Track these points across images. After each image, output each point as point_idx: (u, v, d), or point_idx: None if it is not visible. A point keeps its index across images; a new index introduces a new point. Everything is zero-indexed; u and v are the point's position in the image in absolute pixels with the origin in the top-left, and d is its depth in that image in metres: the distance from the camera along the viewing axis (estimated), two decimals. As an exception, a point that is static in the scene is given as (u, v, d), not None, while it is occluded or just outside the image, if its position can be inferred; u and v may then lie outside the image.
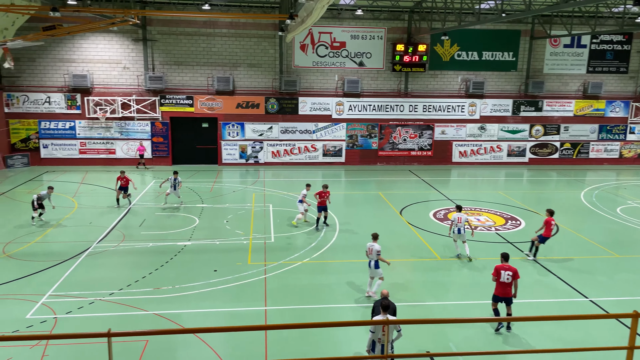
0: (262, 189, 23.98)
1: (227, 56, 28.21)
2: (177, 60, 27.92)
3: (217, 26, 27.66)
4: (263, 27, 28.05)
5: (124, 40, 27.24)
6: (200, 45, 27.90)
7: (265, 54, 28.45)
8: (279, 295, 12.65)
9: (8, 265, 14.21)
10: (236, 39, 28.07)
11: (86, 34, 26.28)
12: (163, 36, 27.52)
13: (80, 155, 27.99)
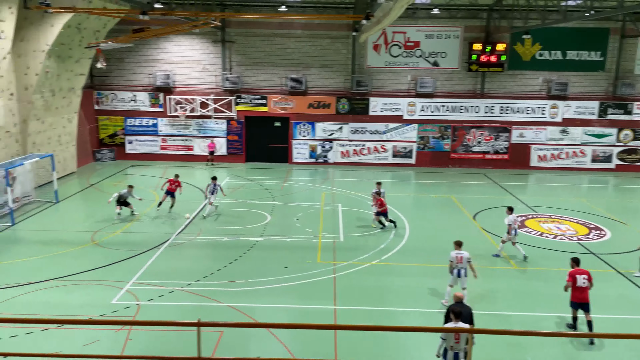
0: (330, 188, 24.13)
1: (300, 57, 28.63)
2: (253, 61, 28.70)
3: (292, 27, 28.15)
4: (337, 28, 28.20)
5: (204, 42, 28.38)
6: (275, 47, 28.51)
7: (338, 55, 28.59)
8: (349, 296, 12.68)
9: (96, 253, 15.24)
10: (310, 39, 28.42)
11: (170, 36, 27.62)
12: (240, 38, 28.38)
13: (161, 151, 29.48)
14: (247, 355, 9.94)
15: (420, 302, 12.42)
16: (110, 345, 10.03)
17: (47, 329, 10.53)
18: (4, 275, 13.45)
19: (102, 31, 23.90)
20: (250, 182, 24.84)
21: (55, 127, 23.92)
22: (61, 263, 14.31)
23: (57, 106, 23.65)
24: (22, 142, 21.73)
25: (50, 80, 22.22)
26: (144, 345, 10.08)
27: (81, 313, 11.31)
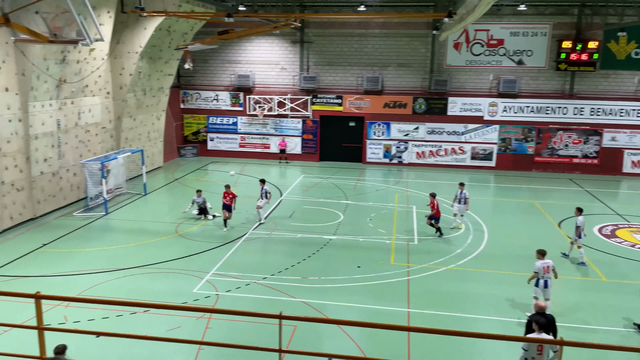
0: (404, 189, 23.83)
1: (377, 56, 28.50)
2: (330, 61, 28.95)
3: (369, 27, 28.09)
4: (415, 27, 27.78)
5: (283, 42, 29.04)
6: (352, 46, 28.58)
7: (416, 54, 28.15)
8: (422, 299, 12.47)
9: (179, 244, 16.07)
10: (388, 38, 28.21)
11: (251, 38, 28.51)
12: (318, 38, 28.74)
13: (239, 149, 30.53)
14: (319, 351, 10.08)
15: (497, 311, 11.96)
16: (191, 332, 10.56)
17: (135, 313, 11.27)
18: (98, 260, 14.55)
19: (189, 33, 25.14)
20: (324, 181, 25.09)
21: (145, 124, 25.49)
22: (148, 252, 15.25)
23: (148, 104, 25.19)
24: (116, 138, 23.36)
25: (142, 80, 23.70)
26: (222, 334, 10.52)
27: (165, 299, 11.99)
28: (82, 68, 19.08)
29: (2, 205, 16.40)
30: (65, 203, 19.62)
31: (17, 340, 9.64)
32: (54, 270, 13.75)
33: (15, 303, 11.25)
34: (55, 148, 18.73)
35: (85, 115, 20.33)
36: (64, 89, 18.60)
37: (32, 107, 17.29)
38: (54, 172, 18.82)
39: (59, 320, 10.83)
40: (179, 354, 9.87)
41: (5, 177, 16.66)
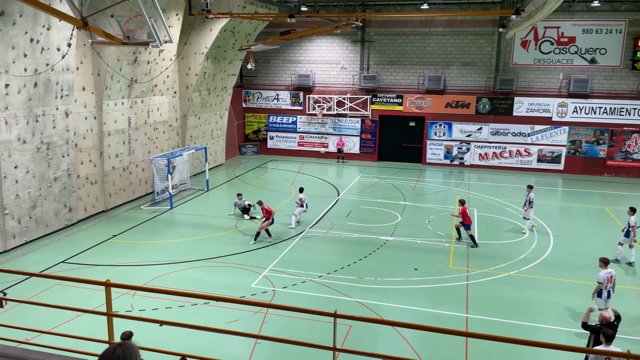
0: (466, 191, 23.21)
1: (440, 55, 27.94)
2: (391, 60, 28.69)
3: (432, 25, 27.58)
4: (481, 24, 26.99)
5: (344, 42, 29.08)
6: (414, 45, 28.19)
7: (481, 52, 27.34)
8: (482, 305, 12.12)
9: (238, 239, 16.49)
10: (451, 37, 27.59)
11: (312, 37, 28.77)
12: (379, 37, 28.56)
13: (298, 148, 30.90)
14: (373, 351, 10.03)
15: (562, 320, 11.42)
16: (248, 325, 10.81)
17: (196, 304, 11.68)
18: (162, 252, 15.20)
19: (252, 34, 25.72)
20: (382, 181, 24.91)
21: (209, 123, 26.34)
22: (209, 246, 15.76)
23: (212, 103, 26.01)
24: (181, 135, 24.30)
25: (207, 80, 24.51)
26: (277, 329, 10.71)
27: (224, 292, 12.35)
28: (151, 68, 19.99)
29: (77, 197, 17.49)
30: (134, 197, 20.64)
31: (88, 325, 10.26)
32: (123, 260, 14.50)
33: (87, 290, 11.97)
34: (125, 144, 19.74)
35: (153, 113, 21.30)
36: (135, 88, 19.57)
37: (106, 106, 18.31)
38: (124, 167, 19.85)
39: (126, 308, 11.41)
40: (236, 346, 10.14)
41: (81, 171, 17.74)
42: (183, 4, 20.41)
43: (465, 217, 15.93)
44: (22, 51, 13.91)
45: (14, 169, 14.62)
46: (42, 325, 9.99)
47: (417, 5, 26.06)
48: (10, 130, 14.30)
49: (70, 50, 15.51)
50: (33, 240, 15.69)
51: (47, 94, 15.32)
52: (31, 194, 15.38)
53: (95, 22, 10.70)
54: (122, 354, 2.91)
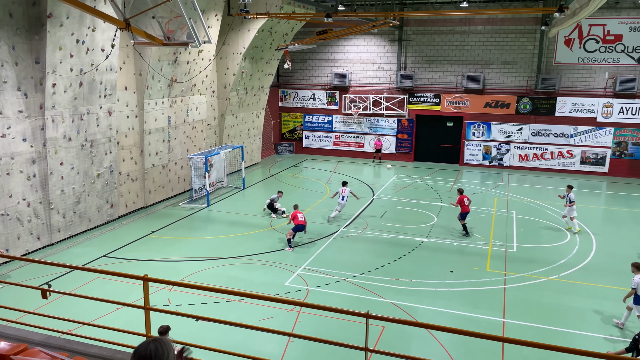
0: (505, 193, 22.68)
1: (479, 54, 27.40)
2: (429, 59, 28.32)
3: (472, 23, 27.07)
4: (523, 22, 26.31)
5: (380, 41, 28.90)
6: (453, 44, 27.74)
7: (523, 51, 26.65)
8: (520, 310, 11.82)
9: (273, 237, 16.63)
10: (491, 35, 27.01)
11: (349, 37, 28.71)
12: (417, 36, 28.24)
13: (333, 147, 30.91)
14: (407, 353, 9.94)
15: (603, 328, 11.01)
16: (282, 323, 10.89)
17: (231, 301, 11.85)
18: (199, 249, 15.49)
19: (289, 34, 25.87)
20: (418, 182, 24.62)
21: (246, 122, 26.67)
22: (244, 243, 15.95)
23: (249, 103, 26.33)
24: (219, 134, 24.70)
25: (245, 79, 24.82)
26: (310, 328, 10.75)
27: (259, 290, 12.48)
28: (191, 68, 20.40)
29: (118, 193, 18.03)
30: (172, 194, 21.12)
31: (127, 318, 10.55)
32: (161, 255, 14.86)
33: (126, 284, 12.32)
34: (165, 142, 20.22)
35: (192, 112, 21.72)
36: (175, 87, 20.01)
37: (147, 105, 18.79)
38: (163, 165, 20.33)
39: (163, 302, 11.69)
40: (270, 344, 10.23)
41: (122, 168, 18.28)
42: (222, 5, 20.73)
43: (462, 206, 16.47)
44: (68, 52, 14.44)
45: (59, 165, 15.20)
46: (83, 317, 10.34)
47: (456, 3, 25.64)
48: (56, 128, 14.87)
49: (114, 51, 16.00)
50: (77, 234, 16.27)
51: (92, 93, 15.85)
52: (75, 189, 15.95)
53: (137, 23, 10.99)
54: (154, 349, 2.95)
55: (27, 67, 13.83)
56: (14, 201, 14.04)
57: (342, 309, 4.71)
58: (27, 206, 14.50)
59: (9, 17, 13.16)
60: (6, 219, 13.76)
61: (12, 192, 13.98)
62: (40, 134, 14.52)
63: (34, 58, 13.90)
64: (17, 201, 14.16)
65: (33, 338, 5.31)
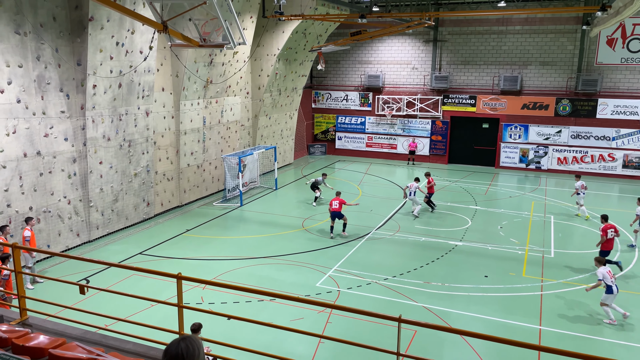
0: (542, 197, 22.08)
1: (517, 54, 26.77)
2: (464, 60, 27.87)
3: (510, 23, 26.49)
4: (563, 22, 25.58)
5: (415, 41, 28.61)
6: (489, 44, 27.20)
7: (562, 51, 25.90)
8: (557, 317, 11.46)
9: (305, 238, 16.66)
10: (530, 35, 26.36)
11: (383, 38, 28.53)
12: (453, 36, 27.82)
13: (366, 148, 30.76)
14: (439, 359, 9.78)
15: (649, 340, 10.56)
16: (313, 324, 10.88)
17: (262, 300, 11.92)
18: (232, 248, 15.66)
19: (323, 35, 25.90)
20: (452, 185, 24.24)
21: (279, 123, 26.85)
22: (276, 243, 16.04)
23: (282, 104, 26.49)
24: (252, 135, 24.94)
25: (278, 80, 24.99)
26: (341, 330, 10.70)
27: (290, 290, 12.51)
28: (226, 70, 20.67)
29: (154, 192, 18.42)
30: (206, 193, 21.44)
31: (161, 315, 10.75)
32: (194, 254, 15.09)
33: (160, 281, 12.56)
34: (200, 143, 20.54)
35: (227, 113, 22.00)
36: (210, 89, 20.31)
37: (183, 106, 19.14)
38: (198, 165, 20.66)
39: (196, 300, 11.86)
40: (300, 344, 10.24)
41: (159, 167, 18.67)
42: (257, 7, 20.93)
43: (430, 188, 19.10)
44: (108, 54, 14.85)
45: (99, 164, 15.64)
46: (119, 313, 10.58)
47: (493, 3, 25.13)
48: (96, 128, 15.30)
49: (152, 53, 16.36)
50: (114, 231, 16.71)
51: (130, 94, 16.25)
52: (114, 188, 16.38)
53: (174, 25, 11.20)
54: (185, 348, 2.96)
55: (69, 69, 14.29)
56: (55, 199, 14.52)
57: (374, 312, 4.65)
58: (68, 204, 14.97)
59: (53, 20, 13.63)
60: (48, 215, 14.25)
61: (54, 189, 14.46)
62: (81, 134, 14.97)
63: (75, 60, 14.35)
64: (59, 199, 14.64)
65: (71, 332, 5.46)
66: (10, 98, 12.89)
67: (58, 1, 13.67)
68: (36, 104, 13.57)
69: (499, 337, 4.53)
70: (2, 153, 12.87)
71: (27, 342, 4.76)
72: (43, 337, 4.89)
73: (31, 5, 13.01)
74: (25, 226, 12.66)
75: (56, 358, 4.50)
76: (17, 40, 12.81)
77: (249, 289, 5.51)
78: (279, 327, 5.57)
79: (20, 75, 13.03)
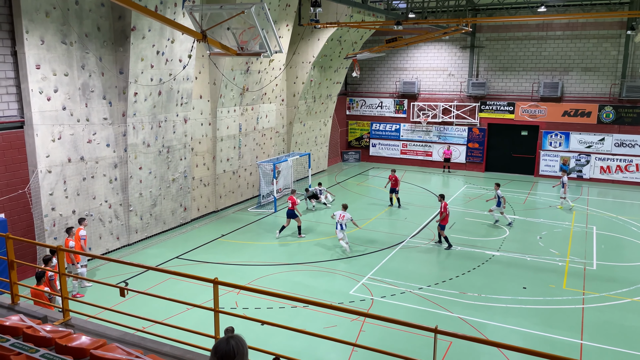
0: (584, 207, 21.36)
1: (557, 60, 26.10)
2: (502, 66, 27.36)
3: (550, 28, 25.87)
4: (606, 26, 24.81)
5: (452, 48, 28.28)
6: (529, 50, 26.62)
7: (605, 57, 25.10)
8: (599, 332, 11.03)
9: (338, 245, 16.58)
10: (571, 40, 25.66)
11: (419, 44, 28.34)
12: (491, 42, 27.37)
13: (400, 155, 30.52)
14: (475, 372, 9.55)
15: (700, 359, 10.03)
16: (346, 332, 10.82)
17: (296, 307, 11.94)
18: (266, 254, 15.78)
19: (358, 42, 25.93)
20: (489, 193, 23.73)
21: (313, 130, 26.97)
22: (310, 250, 16.06)
23: (316, 111, 26.61)
24: (287, 141, 25.14)
25: (313, 88, 25.13)
26: (375, 339, 10.59)
27: (323, 297, 12.49)
28: (262, 77, 20.94)
29: (191, 197, 18.77)
30: (241, 199, 21.70)
31: (196, 318, 10.91)
32: (229, 259, 15.27)
33: (195, 285, 12.75)
34: (236, 149, 20.84)
35: (262, 120, 22.26)
36: (246, 96, 20.60)
37: (220, 113, 19.48)
38: (234, 171, 20.96)
39: (230, 305, 11.98)
40: (333, 352, 10.20)
41: (196, 173, 19.03)
42: (293, 15, 21.14)
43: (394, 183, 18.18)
44: (149, 62, 15.28)
45: (138, 169, 16.07)
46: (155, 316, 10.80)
47: (533, 8, 24.61)
48: (137, 135, 15.74)
49: (190, 61, 16.74)
50: (152, 235, 17.10)
51: (169, 102, 16.65)
52: (152, 193, 16.78)
53: (213, 34, 11.43)
54: (235, 346, 3.05)
55: (112, 77, 14.78)
56: (97, 202, 14.99)
57: (410, 323, 4.59)
58: (109, 208, 15.43)
59: (97, 30, 14.14)
60: (90, 219, 14.71)
61: (96, 194, 14.93)
62: (122, 140, 15.43)
63: (118, 68, 14.82)
64: (100, 203, 15.11)
65: (111, 334, 5.60)
66: (57, 105, 13.41)
67: (102, 12, 14.18)
68: (80, 111, 14.08)
69: (538, 351, 4.40)
70: (48, 158, 13.39)
71: (70, 342, 4.91)
72: (85, 337, 5.03)
73: (77, 16, 13.54)
74: (79, 226, 13.11)
75: (97, 359, 4.62)
76: (63, 50, 13.34)
77: (282, 295, 5.53)
78: (313, 334, 5.56)
79: (66, 84, 13.55)
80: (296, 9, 21.01)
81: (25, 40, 12.44)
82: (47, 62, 13.00)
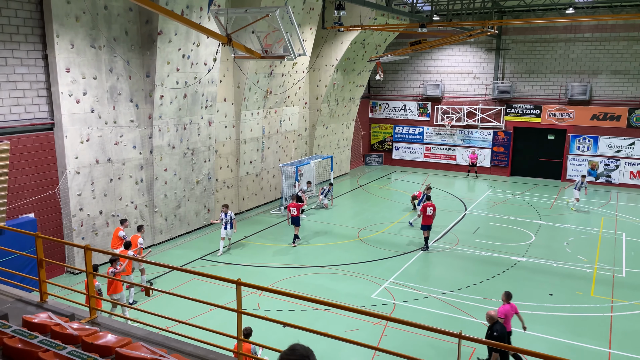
0: (613, 213, 20.84)
1: (586, 62, 25.56)
2: (529, 69, 26.92)
3: (579, 30, 25.36)
4: (636, 28, 24.21)
5: (477, 50, 27.96)
6: (556, 52, 26.14)
7: (636, 59, 24.48)
8: (628, 341, 10.73)
9: (360, 248, 16.56)
10: (600, 43, 25.10)
11: (443, 47, 28.08)
12: (517, 45, 26.97)
13: (424, 159, 30.26)
14: (499, 379, 9.38)
15: None
16: (368, 336, 10.76)
17: (317, 310, 11.93)
18: (288, 256, 15.82)
19: (382, 45, 25.84)
20: (514, 198, 23.36)
21: (336, 133, 26.96)
22: (332, 253, 16.04)
23: (339, 114, 26.61)
24: (309, 144, 25.19)
25: (336, 91, 25.14)
26: (397, 343, 10.51)
27: (345, 300, 12.45)
28: (285, 80, 21.04)
29: (215, 199, 18.95)
30: (264, 201, 21.81)
31: (218, 319, 10.99)
32: (252, 260, 15.36)
33: (218, 286, 12.85)
34: (259, 152, 20.97)
35: (285, 123, 22.36)
36: (270, 99, 20.73)
37: (243, 116, 19.64)
38: (257, 173, 21.09)
39: (252, 307, 12.04)
40: (355, 356, 10.15)
41: (219, 175, 19.21)
42: (317, 19, 21.20)
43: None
44: (175, 66, 15.51)
45: (163, 171, 16.30)
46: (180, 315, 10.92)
47: (561, 10, 24.17)
48: (162, 137, 15.98)
49: (215, 65, 16.93)
50: (176, 236, 17.31)
51: (194, 105, 16.87)
52: (177, 194, 17.01)
53: (238, 38, 11.54)
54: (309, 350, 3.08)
55: (139, 81, 15.04)
56: (123, 203, 15.26)
57: (434, 328, 4.54)
58: (135, 209, 15.68)
59: (125, 34, 14.42)
60: (116, 219, 14.97)
61: (122, 195, 15.21)
62: (148, 142, 15.68)
63: (145, 72, 15.08)
64: (126, 204, 15.37)
65: (136, 333, 5.68)
66: (85, 108, 13.72)
67: (130, 16, 14.46)
68: (108, 113, 14.37)
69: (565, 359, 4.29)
70: (76, 160, 13.69)
71: (96, 340, 5.00)
72: (110, 336, 5.12)
73: (106, 20, 13.84)
74: (120, 227, 13.34)
75: (122, 357, 4.69)
76: (92, 54, 13.64)
77: (305, 297, 5.53)
78: (334, 337, 5.55)
79: (95, 87, 13.85)
80: (320, 12, 21.07)
81: (56, 44, 12.77)
82: (77, 65, 13.31)
